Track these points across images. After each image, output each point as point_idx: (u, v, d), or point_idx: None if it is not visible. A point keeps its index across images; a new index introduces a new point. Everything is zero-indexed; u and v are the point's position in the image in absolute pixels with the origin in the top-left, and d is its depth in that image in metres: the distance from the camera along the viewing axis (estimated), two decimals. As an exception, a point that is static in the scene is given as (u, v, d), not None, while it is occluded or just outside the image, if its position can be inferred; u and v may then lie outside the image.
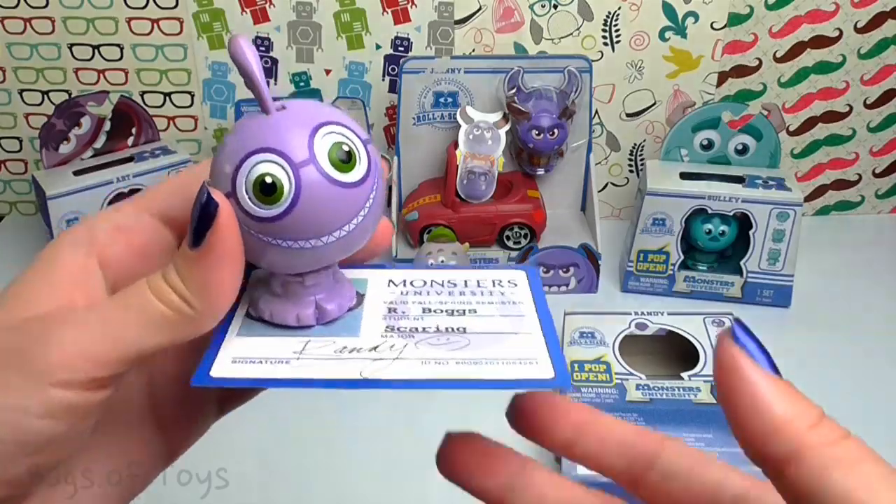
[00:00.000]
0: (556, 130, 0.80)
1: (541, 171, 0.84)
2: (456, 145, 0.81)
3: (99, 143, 0.86)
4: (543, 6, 0.86)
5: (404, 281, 0.30)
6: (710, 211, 0.78)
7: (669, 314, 0.68)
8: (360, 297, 0.29)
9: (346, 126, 0.25)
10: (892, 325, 0.78)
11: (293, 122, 0.24)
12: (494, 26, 0.87)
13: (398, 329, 0.27)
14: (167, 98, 0.91)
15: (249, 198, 0.23)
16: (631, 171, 0.96)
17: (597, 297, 0.83)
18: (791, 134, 0.93)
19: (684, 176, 0.81)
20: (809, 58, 0.88)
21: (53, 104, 0.88)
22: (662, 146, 0.84)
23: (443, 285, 0.29)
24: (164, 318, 0.23)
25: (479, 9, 0.86)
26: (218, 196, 0.23)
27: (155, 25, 0.87)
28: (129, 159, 0.85)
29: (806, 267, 0.83)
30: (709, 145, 0.83)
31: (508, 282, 0.30)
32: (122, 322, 0.23)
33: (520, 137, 0.81)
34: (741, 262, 0.79)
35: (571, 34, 0.87)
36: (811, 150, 0.94)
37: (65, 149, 0.84)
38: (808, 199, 0.97)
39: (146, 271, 0.24)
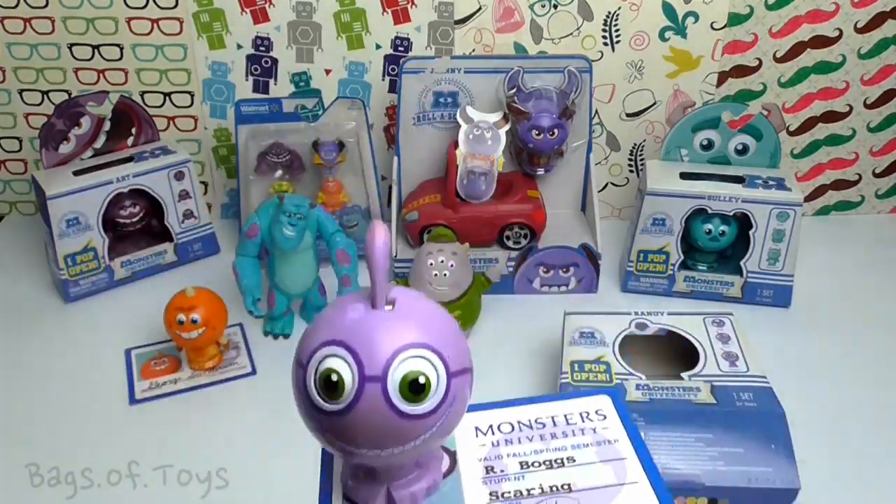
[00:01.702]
0: (556, 130, 0.80)
1: (541, 171, 0.84)
2: (456, 145, 0.81)
3: (99, 143, 0.86)
4: (543, 6, 0.86)
5: (491, 427, 0.29)
6: (710, 211, 0.78)
7: (669, 314, 0.68)
8: (453, 457, 0.28)
9: (439, 354, 0.24)
10: (892, 325, 0.78)
11: (386, 331, 0.23)
12: (494, 26, 0.87)
13: (503, 496, 0.26)
14: (167, 98, 0.91)
15: (315, 383, 0.24)
16: (631, 171, 0.95)
17: (597, 297, 0.83)
18: (791, 134, 0.93)
19: (684, 176, 0.81)
20: (809, 58, 0.88)
21: (53, 104, 0.88)
22: (662, 146, 0.84)
23: (532, 427, 0.28)
24: None
25: (479, 9, 0.86)
26: None
27: (155, 25, 0.87)
28: (129, 159, 0.85)
29: (806, 267, 0.83)
30: (709, 145, 0.83)
31: (596, 413, 0.29)
32: None
33: (520, 137, 0.81)
34: (741, 262, 0.79)
35: (571, 34, 0.87)
36: (811, 150, 0.94)
37: (65, 149, 0.84)
38: (808, 199, 0.97)
39: None
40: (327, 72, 0.90)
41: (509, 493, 0.26)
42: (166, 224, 0.86)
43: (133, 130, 0.88)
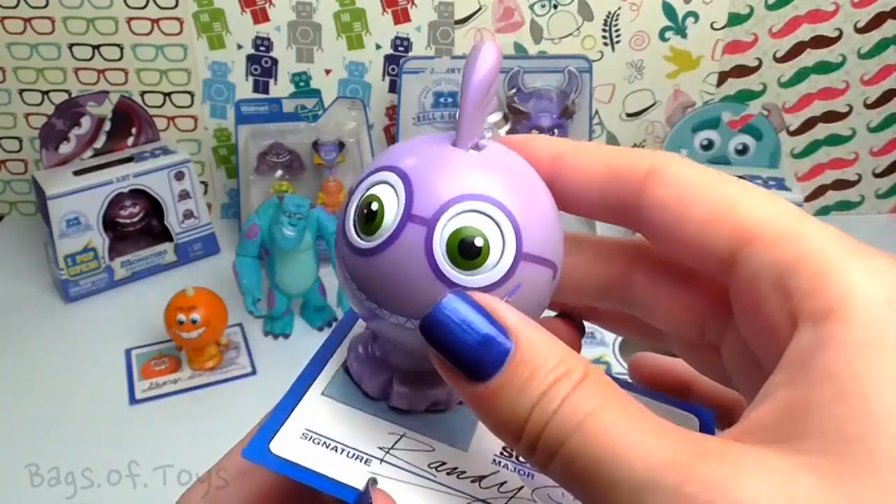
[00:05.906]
0: (556, 130, 0.80)
1: (541, 171, 0.84)
2: (456, 145, 0.81)
3: (99, 143, 0.86)
4: (543, 6, 0.86)
5: None
6: (710, 211, 0.78)
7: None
8: None
9: (514, 222, 0.18)
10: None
11: (457, 171, 0.18)
12: (494, 26, 0.87)
13: (517, 458, 0.20)
14: (167, 98, 0.91)
15: (355, 212, 0.19)
16: (631, 171, 0.95)
17: (597, 297, 0.83)
18: (791, 134, 0.93)
19: (684, 176, 0.81)
20: (809, 58, 0.88)
21: (53, 104, 0.88)
22: (662, 146, 0.84)
23: None
24: None
25: (479, 9, 0.86)
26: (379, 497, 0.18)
27: (155, 25, 0.87)
28: (129, 159, 0.85)
29: (806, 267, 0.83)
30: (709, 145, 0.83)
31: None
32: None
33: (520, 137, 0.81)
34: (741, 262, 0.79)
35: (571, 34, 0.87)
36: (811, 151, 0.94)
37: (65, 149, 0.84)
38: (808, 199, 0.97)
39: None
40: (327, 72, 0.90)
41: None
42: (166, 224, 0.86)
43: (133, 130, 0.88)
